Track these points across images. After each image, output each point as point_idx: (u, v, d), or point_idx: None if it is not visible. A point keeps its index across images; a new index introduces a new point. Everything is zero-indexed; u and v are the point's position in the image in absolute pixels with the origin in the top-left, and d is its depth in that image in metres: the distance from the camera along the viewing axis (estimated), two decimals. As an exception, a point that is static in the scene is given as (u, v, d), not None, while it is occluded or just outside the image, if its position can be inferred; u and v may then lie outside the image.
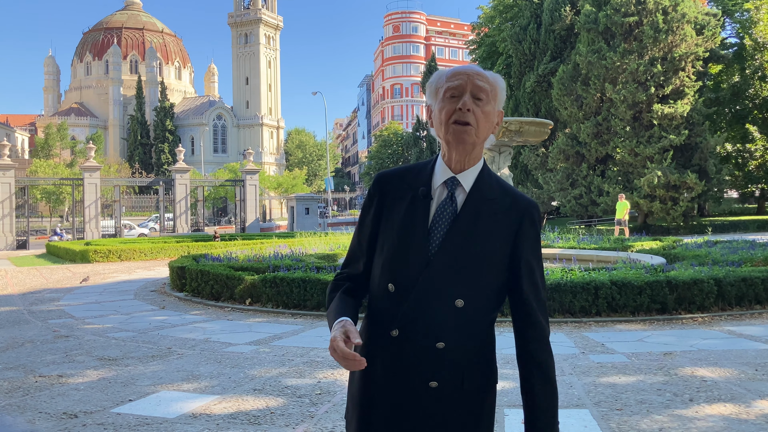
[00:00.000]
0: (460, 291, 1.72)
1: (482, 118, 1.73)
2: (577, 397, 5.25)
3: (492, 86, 1.76)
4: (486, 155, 12.58)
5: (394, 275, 1.76)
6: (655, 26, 28.67)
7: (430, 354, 1.72)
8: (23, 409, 5.24)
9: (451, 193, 1.76)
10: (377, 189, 1.85)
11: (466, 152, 1.75)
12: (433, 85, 1.80)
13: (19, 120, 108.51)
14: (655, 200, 28.61)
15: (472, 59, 50.45)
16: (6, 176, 34.10)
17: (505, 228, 1.76)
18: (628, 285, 8.71)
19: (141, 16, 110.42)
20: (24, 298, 12.99)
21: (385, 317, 1.76)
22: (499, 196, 1.78)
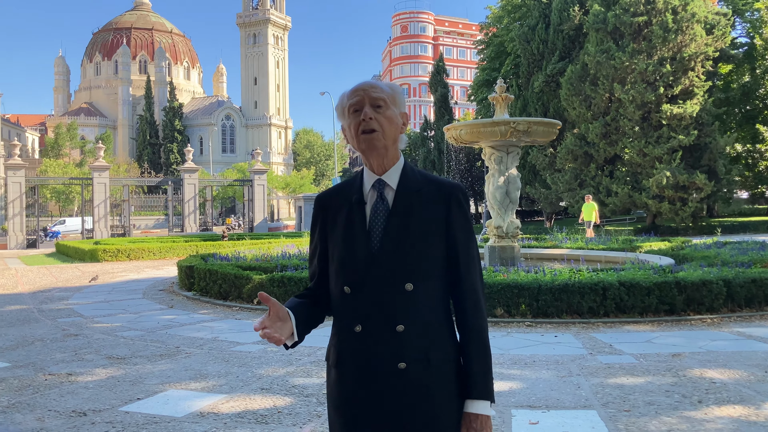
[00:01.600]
0: (407, 276, 1.88)
1: (386, 122, 1.93)
2: (584, 398, 5.24)
3: (389, 94, 1.96)
4: (494, 155, 12.62)
5: (346, 278, 1.93)
6: (664, 26, 28.54)
7: (392, 338, 1.87)
8: (33, 407, 5.27)
9: (381, 193, 1.95)
10: (319, 208, 2.05)
11: (381, 156, 1.94)
12: (339, 107, 2.00)
13: (30, 120, 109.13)
14: (664, 201, 28.48)
15: (480, 59, 50.33)
16: (17, 176, 34.32)
17: (435, 213, 1.93)
18: (637, 286, 8.68)
19: (150, 16, 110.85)
20: (34, 296, 13.07)
21: (347, 317, 1.93)
22: (425, 186, 1.96)
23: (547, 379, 5.80)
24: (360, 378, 1.90)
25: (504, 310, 8.77)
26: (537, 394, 5.35)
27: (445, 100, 47.67)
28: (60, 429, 4.72)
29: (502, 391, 5.45)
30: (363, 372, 1.89)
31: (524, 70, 37.80)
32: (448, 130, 13.17)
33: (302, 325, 1.96)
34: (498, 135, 12.13)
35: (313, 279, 2.09)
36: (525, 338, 7.69)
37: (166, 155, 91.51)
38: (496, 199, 12.62)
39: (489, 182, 12.87)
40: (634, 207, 31.13)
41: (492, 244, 12.83)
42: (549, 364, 6.38)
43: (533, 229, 30.95)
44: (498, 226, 12.68)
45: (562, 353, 6.84)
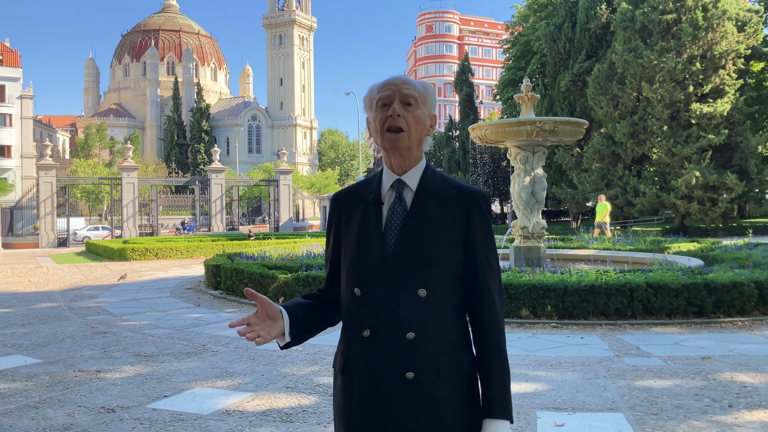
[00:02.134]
0: (421, 282, 1.81)
1: (413, 122, 1.85)
2: (611, 400, 5.18)
3: (421, 92, 1.89)
4: (519, 155, 12.54)
5: (357, 280, 1.86)
6: (694, 23, 28.10)
7: (401, 346, 1.79)
8: (63, 403, 5.37)
9: (399, 193, 1.88)
10: (335, 207, 1.98)
11: (403, 156, 1.87)
12: (367, 99, 1.92)
13: (61, 121, 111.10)
14: (693, 201, 28.04)
15: (506, 58, 50.03)
16: (48, 176, 34.96)
17: (455, 218, 1.85)
18: (665, 287, 8.56)
19: (178, 18, 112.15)
20: (64, 294, 13.30)
21: (356, 321, 1.86)
22: (445, 190, 1.89)
23: (572, 380, 5.75)
24: (366, 386, 1.81)
25: (529, 311, 8.71)
26: (563, 395, 5.30)
27: (470, 99, 47.46)
28: (89, 425, 4.80)
29: (527, 392, 5.41)
30: (369, 380, 1.80)
31: (550, 69, 37.48)
32: (473, 129, 13.11)
33: (299, 326, 1.90)
34: (524, 135, 12.05)
35: (327, 281, 2.04)
36: (551, 339, 7.63)
37: (194, 155, 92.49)
38: (522, 199, 12.53)
39: (514, 182, 12.79)
40: (662, 207, 30.71)
41: (517, 244, 12.75)
42: (575, 365, 6.32)
43: (559, 229, 30.69)
44: (524, 227, 12.59)
45: (588, 355, 6.77)
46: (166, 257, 23.01)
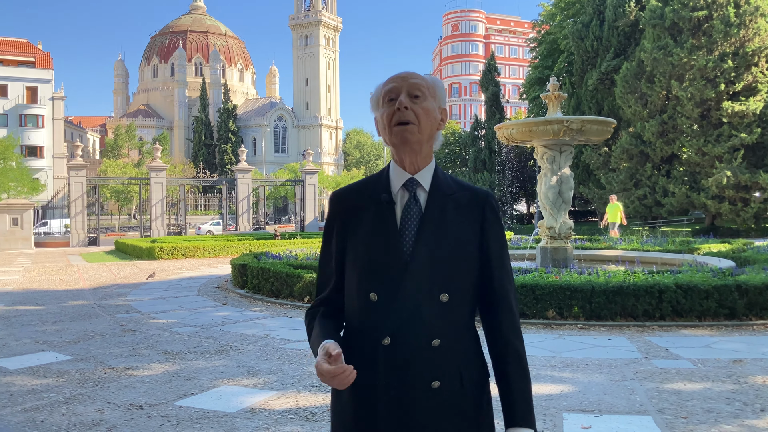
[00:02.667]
0: (443, 285, 1.74)
1: (422, 114, 1.76)
2: (639, 402, 5.11)
3: (428, 84, 1.80)
4: (546, 154, 12.43)
5: (374, 283, 1.75)
6: (725, 20, 27.59)
7: (426, 354, 1.72)
8: (93, 399, 5.45)
9: (413, 193, 1.79)
10: (338, 207, 1.86)
11: (414, 152, 1.78)
12: (374, 98, 1.84)
13: (91, 122, 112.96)
14: (724, 201, 27.54)
15: (532, 57, 49.67)
16: (78, 175, 35.56)
17: (470, 219, 1.80)
18: (695, 289, 8.42)
19: (205, 19, 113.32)
20: (94, 292, 13.52)
21: (372, 328, 1.74)
22: (458, 191, 1.82)
23: (600, 382, 5.69)
24: (389, 398, 1.71)
25: (556, 312, 8.63)
26: (590, 397, 5.24)
27: (496, 98, 47.22)
28: (118, 421, 4.87)
29: (553, 393, 5.36)
30: (390, 389, 1.71)
31: (578, 68, 37.11)
32: (499, 129, 13.04)
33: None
34: (550, 134, 11.95)
35: (327, 287, 1.88)
36: (577, 341, 7.55)
37: (221, 156, 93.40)
38: (549, 199, 12.43)
39: (541, 182, 12.68)
40: (692, 207, 30.22)
41: (544, 244, 12.64)
42: (602, 367, 6.25)
43: (586, 229, 30.37)
44: (550, 227, 12.48)
45: (615, 357, 6.69)
46: (194, 256, 23.26)
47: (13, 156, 49.17)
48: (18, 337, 8.51)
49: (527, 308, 8.73)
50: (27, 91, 65.52)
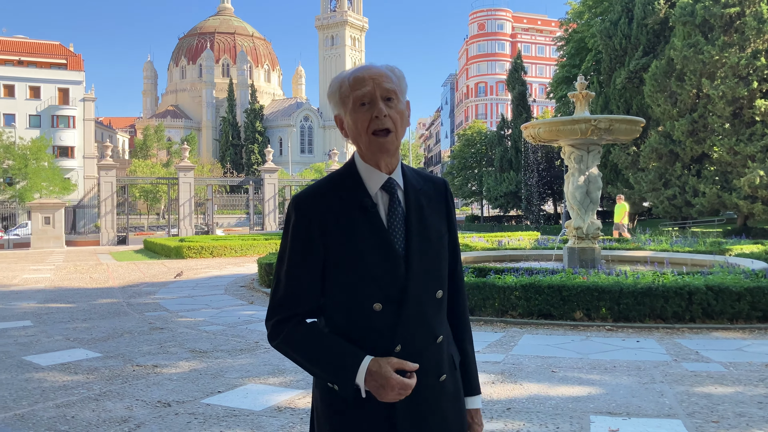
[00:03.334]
0: (438, 283, 1.79)
1: (398, 119, 1.73)
2: (668, 406, 5.03)
3: (396, 83, 1.74)
4: (573, 154, 12.32)
5: (378, 293, 1.69)
6: (758, 17, 27.04)
7: (434, 352, 1.77)
8: (122, 396, 5.53)
9: (394, 194, 1.76)
10: (311, 212, 1.72)
11: (391, 155, 1.75)
12: (336, 95, 1.76)
13: (121, 122, 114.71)
14: (757, 201, 27.00)
15: (559, 56, 49.21)
16: (108, 175, 36.14)
17: (440, 211, 1.84)
18: (726, 291, 8.27)
19: (232, 20, 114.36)
20: (123, 291, 13.72)
21: (380, 338, 1.69)
22: (424, 184, 1.84)
23: (628, 385, 5.61)
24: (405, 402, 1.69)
25: (583, 313, 8.54)
26: (617, 400, 5.18)
27: (522, 97, 46.91)
28: (146, 418, 4.93)
29: (580, 395, 5.31)
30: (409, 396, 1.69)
31: (606, 67, 36.68)
32: (526, 128, 12.94)
33: None
34: (578, 133, 11.83)
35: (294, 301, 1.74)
36: (605, 342, 7.46)
37: (248, 156, 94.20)
38: (576, 199, 12.31)
39: (568, 182, 12.56)
40: (723, 208, 29.69)
41: (571, 245, 12.52)
42: (630, 369, 6.16)
43: (614, 230, 29.97)
44: (578, 227, 12.36)
45: (644, 359, 6.60)
46: (221, 255, 23.48)
47: (46, 156, 50.18)
48: (50, 334, 8.68)
49: (554, 309, 8.65)
50: (59, 93, 66.76)
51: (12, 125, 59.81)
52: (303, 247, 1.73)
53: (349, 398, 1.68)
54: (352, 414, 1.71)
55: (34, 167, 47.42)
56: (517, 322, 8.68)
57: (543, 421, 4.69)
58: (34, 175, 46.94)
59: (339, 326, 1.74)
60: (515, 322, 8.70)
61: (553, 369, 6.23)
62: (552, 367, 6.32)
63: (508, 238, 21.07)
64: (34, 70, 66.94)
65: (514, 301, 8.87)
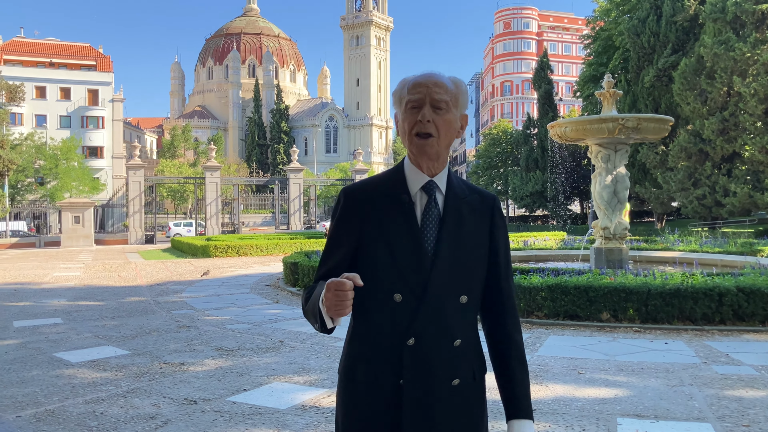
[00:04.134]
0: (463, 287, 1.81)
1: (443, 127, 1.78)
2: (698, 409, 4.95)
3: (453, 94, 1.80)
4: (601, 153, 12.18)
5: (399, 284, 1.77)
6: (791, 13, 26.51)
7: (450, 353, 1.79)
8: (149, 393, 5.60)
9: (432, 196, 1.82)
10: (353, 203, 1.84)
11: (432, 160, 1.81)
12: (397, 94, 1.84)
13: (149, 123, 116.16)
14: (790, 201, 26.46)
15: (586, 54, 48.72)
16: (136, 175, 36.62)
17: (482, 223, 1.87)
18: (758, 292, 8.11)
19: (258, 21, 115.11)
20: (151, 289, 13.89)
21: (395, 328, 1.77)
22: (469, 194, 1.88)
23: (656, 387, 5.53)
24: (410, 396, 1.75)
25: (610, 314, 8.45)
26: (645, 402, 5.11)
27: (549, 96, 46.53)
28: (173, 415, 4.98)
29: (606, 397, 5.25)
30: (417, 390, 1.75)
31: (633, 65, 36.21)
32: (552, 127, 12.83)
33: None
34: (605, 132, 11.70)
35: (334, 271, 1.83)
36: (632, 344, 7.37)
37: (273, 156, 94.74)
38: (603, 199, 12.17)
39: (595, 181, 12.43)
40: (754, 208, 29.12)
41: (598, 245, 12.39)
42: (658, 371, 6.07)
43: (642, 230, 29.64)
44: (605, 227, 12.22)
45: (672, 361, 6.50)
46: (247, 254, 23.66)
47: (75, 156, 50.99)
48: (79, 331, 8.82)
49: (580, 310, 8.57)
50: (88, 94, 67.80)
51: (43, 126, 60.94)
52: (337, 231, 1.87)
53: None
54: (362, 405, 1.80)
55: (64, 167, 48.23)
56: (543, 323, 8.61)
57: (569, 423, 4.64)
58: (64, 174, 47.75)
59: (365, 312, 1.82)
60: (541, 322, 8.64)
61: (579, 370, 6.17)
62: (578, 368, 6.26)
63: (533, 238, 20.93)
64: (65, 71, 68.09)
65: (539, 301, 8.80)
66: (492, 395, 1.95)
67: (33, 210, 47.02)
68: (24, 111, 62.75)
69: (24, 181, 46.71)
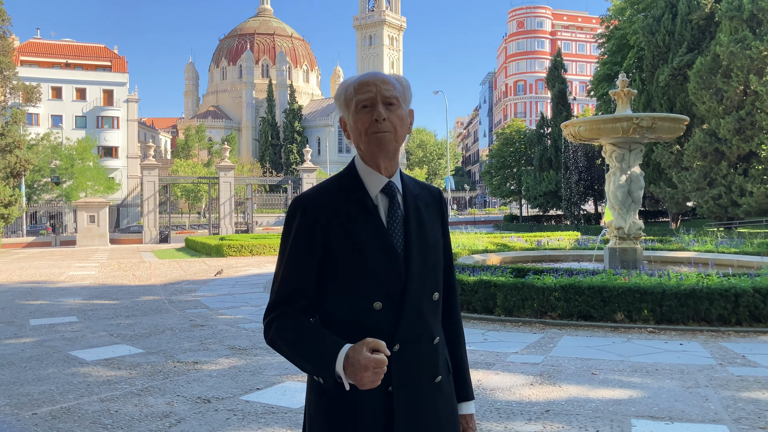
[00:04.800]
0: (434, 285, 1.84)
1: (398, 122, 1.78)
2: (713, 411, 4.90)
3: (400, 90, 1.81)
4: (615, 153, 12.11)
5: (379, 291, 1.73)
6: (809, 11, 26.19)
7: (431, 353, 1.82)
8: (163, 392, 5.63)
9: (394, 197, 1.81)
10: (312, 212, 1.76)
11: (389, 157, 1.80)
12: (341, 98, 1.82)
13: (163, 123, 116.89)
14: (807, 201, 26.15)
15: (600, 53, 48.39)
16: (151, 175, 36.85)
17: (436, 217, 1.91)
18: (774, 293, 8.01)
19: (272, 21, 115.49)
20: (165, 288, 13.97)
21: (378, 337, 1.68)
22: (421, 191, 1.91)
23: (670, 388, 5.49)
24: (402, 402, 1.73)
25: (624, 315, 8.39)
26: (659, 404, 5.07)
27: (562, 96, 46.28)
28: (187, 414, 5.01)
29: (620, 398, 5.21)
30: (406, 394, 1.73)
31: (648, 64, 35.92)
32: (566, 126, 12.77)
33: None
34: (619, 131, 11.62)
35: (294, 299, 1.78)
36: (647, 345, 7.31)
37: (287, 155, 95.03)
38: (617, 199, 12.09)
39: (609, 181, 12.36)
40: (772, 208, 28.82)
41: (612, 245, 12.31)
42: (673, 373, 6.03)
43: (657, 230, 29.41)
44: (619, 227, 12.14)
45: (687, 362, 6.44)
46: (260, 254, 23.74)
47: (91, 156, 51.42)
48: (94, 329, 8.89)
49: (594, 310, 8.52)
50: (104, 94, 68.36)
51: (59, 126, 61.48)
52: (303, 247, 1.77)
53: (334, 391, 1.69)
54: (349, 417, 1.73)
55: (79, 167, 48.65)
56: (557, 324, 8.57)
57: (583, 424, 4.61)
58: (79, 174, 48.17)
59: (339, 325, 1.76)
60: (554, 323, 8.60)
61: (593, 371, 6.13)
62: (592, 369, 6.22)
63: (547, 238, 20.82)
64: (81, 72, 68.67)
65: (553, 302, 8.76)
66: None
67: (49, 209, 47.48)
68: (40, 111, 63.36)
69: (40, 181, 47.17)
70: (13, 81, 32.77)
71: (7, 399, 5.49)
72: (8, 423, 4.85)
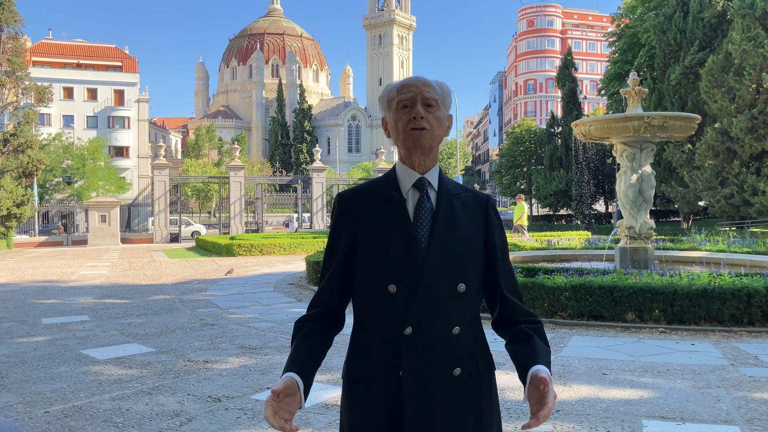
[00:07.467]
0: (459, 276, 1.84)
1: (435, 122, 1.87)
2: (725, 412, 4.87)
3: (440, 94, 1.89)
4: (626, 152, 12.05)
5: (393, 275, 1.81)
6: (822, 8, 25.96)
7: (449, 342, 1.81)
8: (174, 391, 5.66)
9: (425, 191, 1.87)
10: (346, 207, 1.91)
11: (425, 155, 1.87)
12: (384, 99, 1.93)
13: (173, 123, 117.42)
14: (821, 200, 25.93)
15: (611, 52, 48.18)
16: (162, 175, 37.03)
17: (476, 217, 1.91)
18: (787, 293, 7.95)
19: (282, 21, 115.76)
20: (176, 287, 14.04)
21: (392, 319, 1.80)
22: (462, 192, 1.94)
23: (682, 389, 5.46)
24: (414, 388, 1.76)
25: (635, 315, 8.35)
26: (671, 404, 5.04)
27: (573, 94, 46.11)
28: (197, 412, 5.03)
29: (631, 399, 5.19)
30: (417, 380, 1.76)
31: (659, 62, 35.72)
32: (576, 125, 12.72)
33: (311, 381, 1.86)
34: (630, 130, 11.56)
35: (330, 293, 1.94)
36: (658, 345, 7.27)
37: (296, 155, 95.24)
38: (628, 198, 12.04)
39: (620, 180, 12.30)
40: (785, 207, 28.59)
41: (623, 245, 12.25)
42: (684, 373, 5.99)
43: (668, 230, 29.26)
44: (630, 227, 12.08)
45: (699, 363, 6.40)
46: (270, 253, 23.80)
47: (102, 156, 51.70)
48: (105, 328, 8.95)
49: (605, 310, 8.48)
50: (115, 94, 68.71)
51: (71, 126, 61.85)
52: (334, 241, 1.93)
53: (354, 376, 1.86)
54: (364, 399, 1.83)
55: (91, 167, 48.93)
56: (567, 323, 8.54)
57: (593, 424, 4.60)
58: (91, 174, 48.45)
59: (361, 309, 1.91)
60: (565, 323, 8.57)
61: (603, 371, 6.11)
62: (603, 369, 6.20)
63: (557, 238, 20.75)
64: (92, 72, 69.07)
65: (563, 301, 8.73)
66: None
67: (61, 209, 47.79)
68: (52, 112, 63.78)
69: (52, 181, 47.49)
70: (26, 81, 33.02)
71: (20, 397, 5.54)
72: (21, 421, 4.89)
